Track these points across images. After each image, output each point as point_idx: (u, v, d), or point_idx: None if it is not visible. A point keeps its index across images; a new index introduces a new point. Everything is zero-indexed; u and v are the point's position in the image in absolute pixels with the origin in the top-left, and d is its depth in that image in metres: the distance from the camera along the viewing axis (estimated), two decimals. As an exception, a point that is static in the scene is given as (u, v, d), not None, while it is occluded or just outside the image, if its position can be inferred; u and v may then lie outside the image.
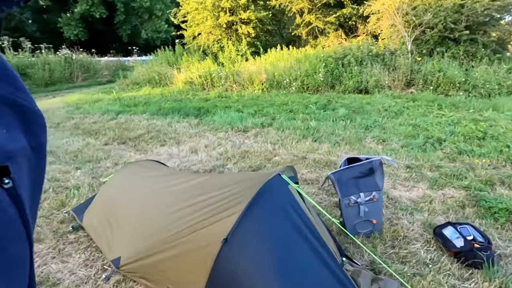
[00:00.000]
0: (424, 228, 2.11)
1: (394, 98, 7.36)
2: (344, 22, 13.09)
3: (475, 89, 7.50)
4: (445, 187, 2.68)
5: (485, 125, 4.41)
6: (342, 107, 6.18)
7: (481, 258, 1.69)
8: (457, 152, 3.48)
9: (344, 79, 9.04)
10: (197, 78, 10.13)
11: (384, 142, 4.00)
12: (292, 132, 4.57)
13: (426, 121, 4.85)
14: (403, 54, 9.14)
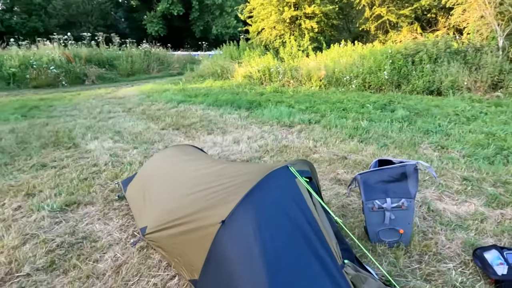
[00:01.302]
0: (464, 248, 1.83)
1: (472, 101, 6.40)
2: (421, 15, 11.75)
3: None
4: (507, 207, 2.26)
5: None
6: (403, 108, 5.64)
7: (526, 293, 1.40)
8: (538, 168, 2.88)
9: (412, 78, 8.19)
10: (256, 73, 10.36)
11: (443, 150, 3.53)
12: (339, 130, 4.37)
13: (505, 130, 4.10)
14: (492, 51, 7.82)
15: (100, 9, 26.21)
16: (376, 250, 1.84)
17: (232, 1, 24.69)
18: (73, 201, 2.53)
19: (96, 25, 25.05)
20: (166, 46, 17.54)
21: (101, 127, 5.04)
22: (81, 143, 4.17)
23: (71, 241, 2.03)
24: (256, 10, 12.86)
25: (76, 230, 2.16)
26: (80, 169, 3.24)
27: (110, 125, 5.14)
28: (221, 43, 15.49)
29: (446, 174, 2.85)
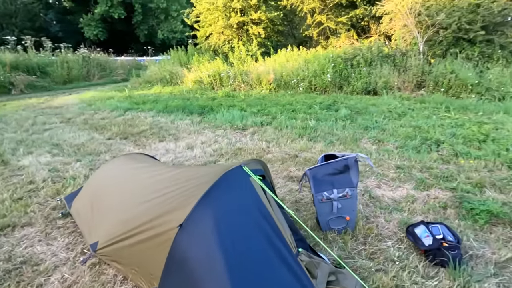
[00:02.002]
0: (400, 227, 2.10)
1: (402, 99, 7.22)
2: (356, 23, 12.90)
3: (489, 91, 7.22)
4: (431, 188, 2.64)
5: (489, 128, 4.27)
6: (345, 108, 6.13)
7: (447, 257, 1.67)
8: (453, 154, 3.40)
9: (352, 80, 8.94)
10: (206, 78, 10.30)
11: (380, 143, 3.95)
12: (290, 131, 4.59)
13: (428, 123, 4.74)
14: (415, 55, 8.93)
15: (26, 10, 23.49)
16: (327, 237, 2.01)
17: (177, 5, 24.17)
18: (6, 224, 2.26)
19: (21, 27, 22.36)
20: (107, 51, 16.43)
21: (36, 140, 4.55)
22: (11, 159, 3.72)
23: (7, 268, 1.82)
24: (203, 15, 12.82)
25: (12, 255, 1.94)
26: (13, 188, 2.90)
27: (46, 138, 4.66)
28: (168, 48, 15.05)
29: (383, 164, 3.20)
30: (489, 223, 2.09)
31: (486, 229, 2.04)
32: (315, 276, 1.50)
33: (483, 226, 2.06)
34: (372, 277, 1.64)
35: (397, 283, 1.60)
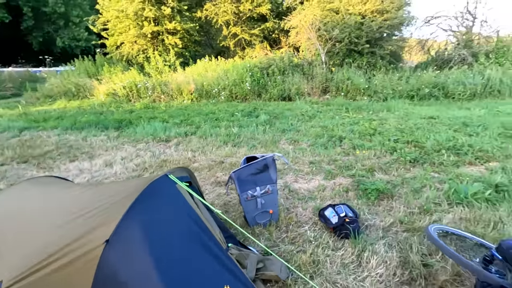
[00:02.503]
0: (314, 212, 2.45)
1: (312, 103, 8.15)
2: (268, 35, 13.98)
3: (376, 94, 8.79)
4: (337, 177, 3.14)
5: (376, 123, 5.24)
6: (265, 114, 6.60)
7: (349, 230, 2.05)
8: (352, 147, 4.08)
9: (269, 88, 9.63)
10: (121, 89, 9.61)
11: (296, 143, 4.43)
12: (214, 139, 4.72)
13: (333, 123, 5.52)
14: (319, 64, 10.19)
15: None
16: (255, 231, 2.20)
17: (79, 11, 21.76)
18: None
19: None
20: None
21: None
22: None
23: None
24: (111, 23, 11.94)
25: None
26: None
27: None
28: (71, 58, 13.45)
29: (299, 161, 3.62)
30: (378, 198, 2.63)
31: (376, 204, 2.56)
32: (245, 266, 1.65)
33: (374, 201, 2.58)
34: (294, 258, 1.89)
35: (314, 258, 1.88)
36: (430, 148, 3.86)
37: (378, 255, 1.88)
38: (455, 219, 2.26)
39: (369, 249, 1.93)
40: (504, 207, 2.40)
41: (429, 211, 2.38)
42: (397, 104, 7.45)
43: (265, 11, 12.56)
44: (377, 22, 10.15)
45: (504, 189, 2.66)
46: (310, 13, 10.91)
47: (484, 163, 3.46)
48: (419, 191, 2.73)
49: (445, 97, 8.56)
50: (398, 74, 9.82)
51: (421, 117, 5.85)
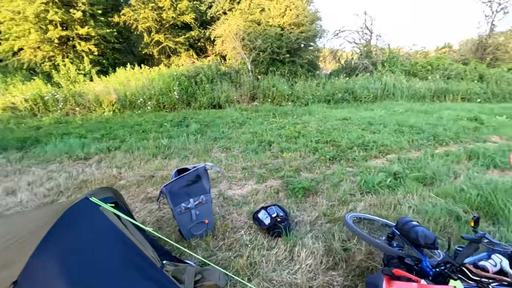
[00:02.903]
0: (248, 216, 2.55)
1: (242, 111, 8.38)
2: (194, 43, 13.86)
3: (298, 99, 9.56)
4: (268, 180, 3.32)
5: (300, 127, 5.72)
6: (195, 123, 6.52)
7: (281, 229, 2.21)
8: (280, 150, 4.36)
9: (198, 96, 9.54)
10: (22, 103, 8.24)
11: (228, 150, 4.52)
12: (142, 152, 4.46)
13: (262, 128, 5.80)
14: (245, 73, 10.56)
15: None
16: (191, 244, 2.18)
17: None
18: None
19: None
20: None
21: None
22: None
23: None
24: (4, 26, 10.17)
25: None
26: None
27: None
28: None
29: (232, 168, 3.71)
30: (305, 195, 2.89)
31: (303, 201, 2.81)
32: (182, 281, 1.63)
33: (301, 199, 2.83)
34: (232, 264, 1.94)
35: (251, 261, 1.97)
36: (344, 146, 4.41)
37: (307, 247, 2.07)
38: (366, 206, 2.64)
39: (299, 243, 2.11)
40: (401, 191, 2.91)
41: (346, 202, 2.73)
42: (317, 108, 8.26)
43: (189, 20, 12.45)
44: (295, 34, 11.09)
45: (400, 176, 3.23)
46: (234, 23, 11.27)
47: (385, 156, 4.12)
48: (338, 185, 3.10)
49: (354, 100, 9.85)
50: (316, 81, 10.88)
51: (336, 119, 6.61)
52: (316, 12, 12.34)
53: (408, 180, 3.13)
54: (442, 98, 10.83)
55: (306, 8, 11.84)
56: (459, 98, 10.93)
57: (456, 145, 4.63)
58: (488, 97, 11.25)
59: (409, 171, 3.37)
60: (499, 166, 3.59)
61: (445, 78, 12.06)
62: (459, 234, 2.12)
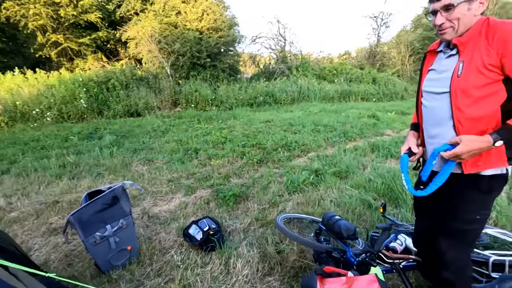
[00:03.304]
0: (178, 233, 2.37)
1: (163, 118, 7.91)
2: (102, 45, 12.48)
3: (222, 104, 9.56)
4: (197, 190, 3.18)
5: (226, 132, 5.70)
6: (110, 134, 5.84)
7: (214, 242, 2.12)
8: (208, 157, 4.25)
9: (112, 104, 8.61)
10: None
11: (150, 162, 4.17)
12: (42, 174, 3.73)
13: (187, 136, 5.56)
14: (165, 77, 10.03)
15: None
16: (112, 277, 1.89)
17: None
18: None
19: None
20: None
21: None
22: None
23: None
24: None
25: None
26: None
27: None
28: None
29: (156, 182, 3.42)
30: (236, 202, 2.86)
31: (235, 208, 2.77)
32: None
33: (233, 206, 2.79)
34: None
35: (184, 283, 1.82)
36: (270, 148, 4.57)
37: (242, 257, 2.04)
38: (294, 205, 2.77)
39: (234, 254, 2.06)
40: (322, 186, 3.15)
41: (276, 204, 2.81)
42: (241, 112, 8.40)
43: (95, 19, 11.16)
44: (214, 38, 11.07)
45: (321, 173, 3.51)
46: (148, 25, 10.59)
47: (306, 154, 4.44)
48: (267, 188, 3.18)
49: (275, 103, 10.39)
50: (238, 85, 11.07)
51: (260, 122, 6.84)
52: (233, 18, 12.62)
53: (327, 175, 3.42)
54: (347, 99, 12.38)
55: (223, 13, 11.97)
56: (360, 98, 12.67)
57: (361, 140, 5.32)
58: (380, 97, 13.36)
59: (328, 167, 3.70)
60: (394, 155, 4.26)
61: (348, 81, 13.84)
62: (373, 220, 2.40)
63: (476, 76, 1.06)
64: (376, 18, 18.81)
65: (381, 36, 19.62)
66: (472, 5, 1.06)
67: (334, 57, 22.01)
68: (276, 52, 15.06)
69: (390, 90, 13.81)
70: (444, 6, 1.08)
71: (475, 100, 1.08)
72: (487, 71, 1.05)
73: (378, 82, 14.17)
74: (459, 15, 1.08)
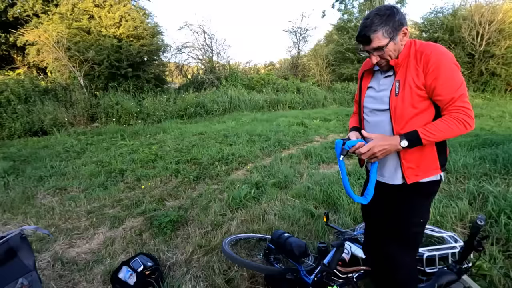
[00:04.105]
0: (105, 279, 1.96)
1: (78, 135, 6.89)
2: (-11, 50, 10.30)
3: (149, 116, 8.85)
4: (126, 220, 2.75)
5: (156, 148, 5.23)
6: (3, 159, 4.73)
7: (152, 284, 1.80)
8: (137, 179, 3.77)
9: (7, 121, 7.13)
10: None
11: (62, 191, 3.48)
12: None
13: (109, 155, 4.90)
14: (78, 89, 8.80)
15: None
16: None
17: None
18: None
19: None
20: None
21: None
22: None
23: None
24: None
25: None
26: None
27: None
28: None
29: (72, 216, 2.84)
30: (174, 229, 2.55)
31: (173, 236, 2.46)
32: None
33: (170, 234, 2.48)
34: None
35: None
36: (206, 162, 4.34)
37: (187, 295, 1.78)
38: (238, 223, 2.61)
39: (177, 293, 1.79)
40: (264, 199, 3.09)
41: (219, 225, 2.61)
42: (171, 125, 7.90)
43: (-24, 18, 9.13)
44: (135, 46, 10.26)
45: (261, 185, 3.45)
46: (53, 29, 9.17)
47: (244, 166, 4.35)
48: (207, 208, 2.95)
49: (206, 114, 10.14)
50: (166, 96, 10.46)
51: (193, 134, 6.53)
52: (156, 26, 11.96)
53: (268, 187, 3.38)
54: (276, 107, 12.95)
55: (145, 21, 11.23)
56: (287, 106, 13.41)
57: (295, 147, 5.53)
58: (305, 105, 14.40)
59: (267, 178, 3.68)
60: (325, 161, 4.52)
61: (275, 91, 14.52)
62: (317, 230, 2.42)
63: (410, 94, 1.15)
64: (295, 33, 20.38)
65: (301, 49, 21.29)
66: (397, 39, 1.16)
67: (260, 67, 22.93)
68: (204, 62, 14.85)
69: (313, 98, 15.01)
70: (374, 48, 1.16)
71: (411, 117, 1.17)
72: (418, 89, 1.14)
73: (302, 91, 15.25)
74: (390, 52, 1.17)
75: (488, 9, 13.97)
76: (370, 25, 1.12)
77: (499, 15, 13.74)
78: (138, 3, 11.69)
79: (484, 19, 13.84)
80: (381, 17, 1.12)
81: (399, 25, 1.14)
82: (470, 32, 14.14)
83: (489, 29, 13.82)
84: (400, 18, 1.14)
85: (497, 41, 13.96)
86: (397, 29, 1.14)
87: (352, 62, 16.41)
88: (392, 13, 1.13)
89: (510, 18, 13.82)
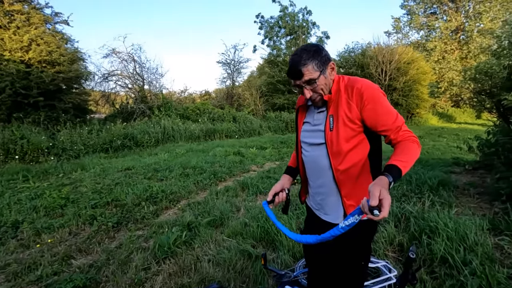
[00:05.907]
0: None
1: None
2: None
3: (65, 152, 7.68)
4: (10, 295, 2.09)
5: (69, 189, 4.43)
6: None
7: None
8: (35, 233, 3.03)
9: None
10: None
11: None
12: None
13: (2, 203, 3.93)
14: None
15: None
16: None
17: None
18: None
19: None
20: None
21: None
22: None
23: None
24: None
25: None
26: None
27: None
28: None
29: None
30: (80, 299, 2.02)
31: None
32: None
33: (73, 307, 1.95)
34: None
35: None
36: (130, 203, 3.81)
37: None
38: (166, 278, 2.22)
39: None
40: (197, 243, 2.75)
41: (140, 283, 2.18)
42: (92, 160, 6.97)
43: None
44: (49, 73, 9.09)
45: (194, 226, 3.11)
46: None
47: (176, 204, 3.95)
48: (127, 262, 2.47)
49: (136, 146, 9.34)
50: (87, 127, 9.36)
51: (118, 170, 5.82)
52: (77, 51, 10.90)
53: (201, 228, 3.06)
54: (212, 137, 12.75)
55: (62, 45, 10.14)
56: (224, 135, 13.35)
57: (231, 179, 5.33)
58: (241, 134, 14.57)
59: (201, 217, 3.36)
60: (262, 192, 4.42)
61: (211, 120, 14.41)
62: (255, 274, 2.20)
63: (344, 129, 1.14)
64: (229, 65, 21.06)
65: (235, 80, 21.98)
66: (327, 73, 1.18)
67: (196, 96, 22.77)
68: (134, 91, 14.00)
69: (249, 127, 15.33)
70: (306, 81, 1.15)
71: (348, 150, 1.15)
72: (351, 123, 1.14)
73: (238, 120, 15.48)
74: (322, 86, 1.17)
75: (388, 50, 16.79)
76: (299, 60, 1.13)
77: (396, 56, 16.60)
78: (54, 26, 10.55)
79: (385, 59, 16.53)
80: (308, 52, 1.14)
81: (327, 59, 1.16)
82: (376, 69, 16.66)
83: (390, 67, 16.52)
84: (326, 54, 1.17)
85: (397, 77, 16.73)
86: (325, 63, 1.15)
87: (283, 93, 17.54)
88: (318, 49, 1.15)
89: (404, 59, 16.82)
